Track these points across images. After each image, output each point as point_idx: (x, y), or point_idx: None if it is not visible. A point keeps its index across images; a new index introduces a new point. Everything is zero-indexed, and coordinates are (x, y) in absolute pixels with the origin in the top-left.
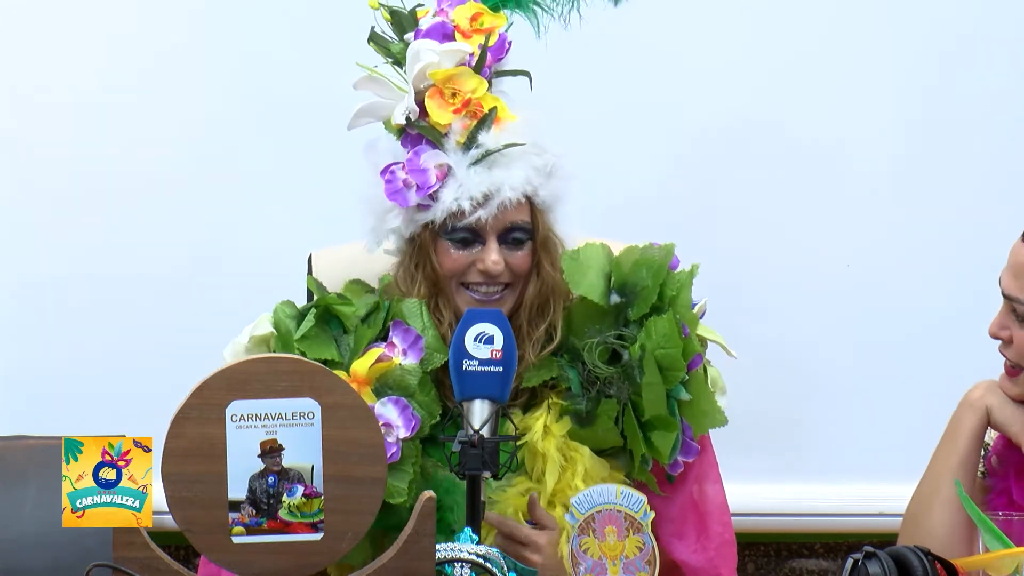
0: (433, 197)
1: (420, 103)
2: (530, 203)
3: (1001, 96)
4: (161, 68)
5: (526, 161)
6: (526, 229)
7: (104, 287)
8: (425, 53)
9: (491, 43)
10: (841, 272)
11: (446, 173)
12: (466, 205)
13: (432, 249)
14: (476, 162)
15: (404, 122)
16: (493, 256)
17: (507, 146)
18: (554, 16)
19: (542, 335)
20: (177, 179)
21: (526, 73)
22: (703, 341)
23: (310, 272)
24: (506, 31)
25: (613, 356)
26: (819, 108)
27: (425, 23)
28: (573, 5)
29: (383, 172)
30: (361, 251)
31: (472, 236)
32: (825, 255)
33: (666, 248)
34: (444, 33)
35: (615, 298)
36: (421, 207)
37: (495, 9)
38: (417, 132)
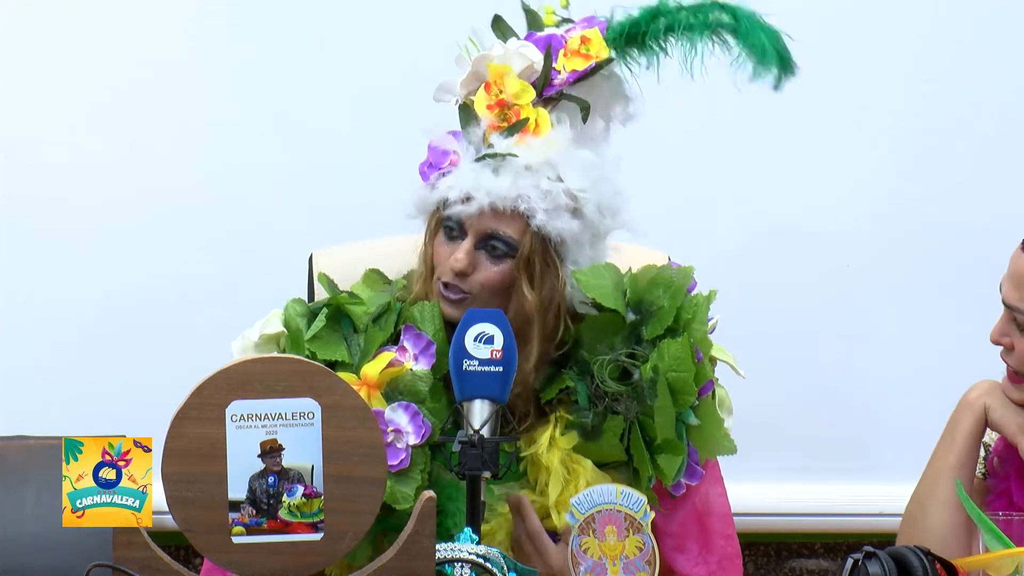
0: (440, 180)
1: (475, 90)
2: (527, 222)
3: (1009, 98)
4: (161, 71)
5: (530, 179)
6: (508, 243)
7: (104, 287)
8: (497, 46)
9: (571, 67)
10: (841, 271)
11: (456, 161)
12: (452, 196)
13: (433, 234)
14: (478, 159)
15: (456, 101)
16: (459, 253)
17: (509, 155)
18: (672, 62)
19: (520, 362)
20: (177, 179)
21: (584, 104)
22: (712, 360)
23: (311, 271)
24: (603, 65)
25: (623, 373)
26: (821, 108)
27: (548, 31)
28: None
29: (430, 144)
30: (362, 251)
31: (457, 230)
32: (826, 255)
33: (685, 270)
34: (547, 44)
35: (629, 315)
36: (434, 188)
37: (614, 43)
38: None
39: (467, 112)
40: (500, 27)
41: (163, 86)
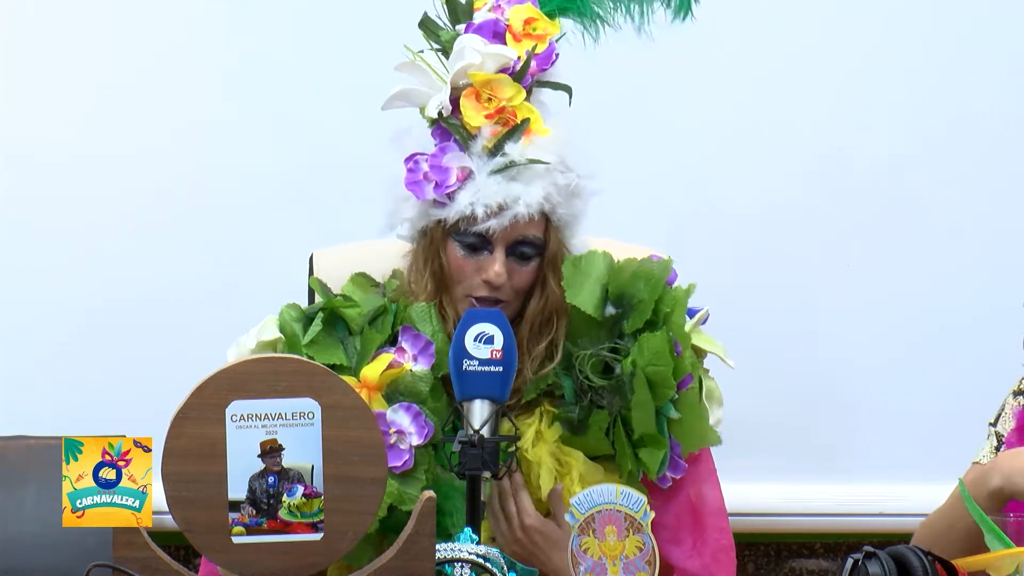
0: (450, 197)
1: (455, 100)
2: (546, 219)
3: (1009, 98)
4: (160, 70)
5: (549, 179)
6: (536, 244)
7: (104, 287)
8: (469, 52)
9: (539, 51)
10: (841, 272)
11: (467, 176)
12: (480, 212)
13: (442, 247)
14: (498, 171)
15: (436, 116)
16: (497, 267)
17: (532, 161)
18: (617, 30)
19: (542, 352)
20: (177, 179)
21: (567, 88)
22: (702, 352)
23: (311, 272)
24: (557, 40)
25: (606, 367)
26: (822, 106)
27: (479, 17)
28: (638, 20)
29: (407, 160)
30: (363, 251)
31: (480, 243)
32: (825, 255)
33: (664, 263)
34: (495, 31)
35: (610, 309)
36: (437, 203)
37: (552, 16)
38: (446, 128)
39: (454, 124)
40: (428, 26)
41: (162, 85)
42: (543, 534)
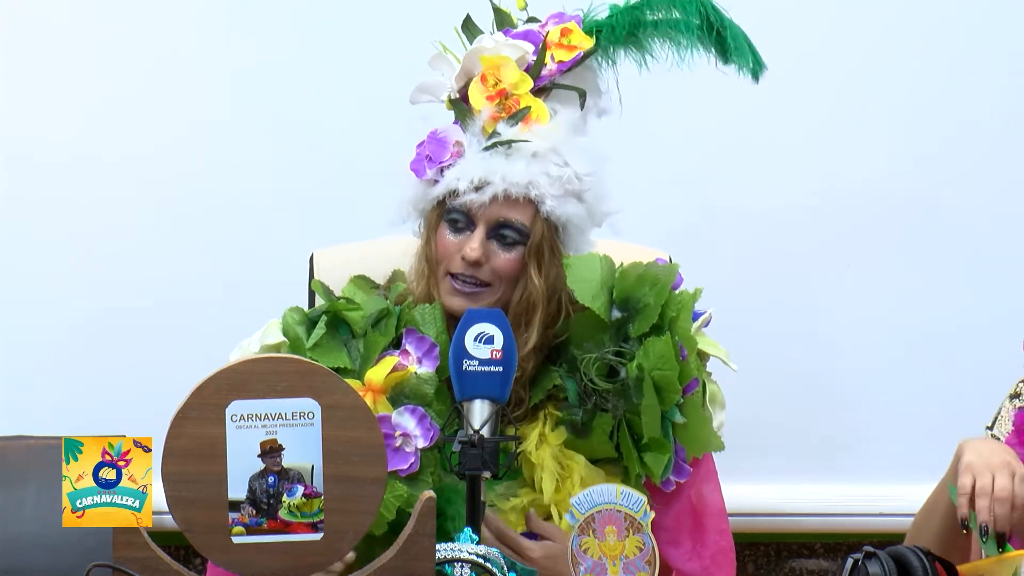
0: (442, 172)
1: (467, 86)
2: (536, 209)
3: (1009, 98)
4: (161, 71)
5: (539, 166)
6: (520, 231)
7: (104, 287)
8: (487, 39)
9: (561, 58)
10: (841, 272)
11: (460, 153)
12: (462, 186)
13: (434, 230)
14: (487, 148)
15: (446, 98)
16: (473, 244)
17: (516, 140)
18: (654, 59)
19: (520, 346)
20: (177, 180)
21: (580, 91)
22: (705, 355)
23: (311, 271)
24: (586, 55)
25: (611, 371)
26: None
27: (523, 27)
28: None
29: (419, 144)
30: (363, 251)
31: (464, 221)
32: (825, 255)
33: (670, 267)
34: (531, 40)
35: (616, 313)
36: (434, 182)
37: (589, 32)
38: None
39: (461, 106)
40: (469, 28)
41: (162, 86)
42: (550, 557)
